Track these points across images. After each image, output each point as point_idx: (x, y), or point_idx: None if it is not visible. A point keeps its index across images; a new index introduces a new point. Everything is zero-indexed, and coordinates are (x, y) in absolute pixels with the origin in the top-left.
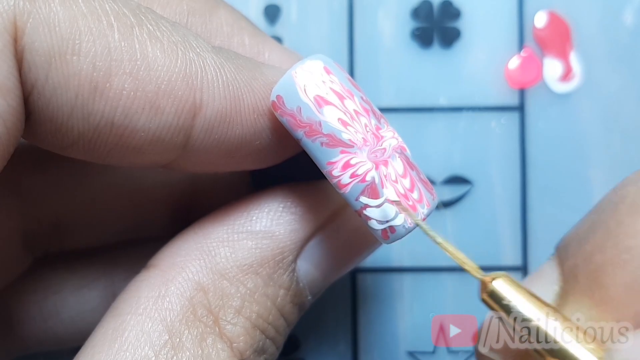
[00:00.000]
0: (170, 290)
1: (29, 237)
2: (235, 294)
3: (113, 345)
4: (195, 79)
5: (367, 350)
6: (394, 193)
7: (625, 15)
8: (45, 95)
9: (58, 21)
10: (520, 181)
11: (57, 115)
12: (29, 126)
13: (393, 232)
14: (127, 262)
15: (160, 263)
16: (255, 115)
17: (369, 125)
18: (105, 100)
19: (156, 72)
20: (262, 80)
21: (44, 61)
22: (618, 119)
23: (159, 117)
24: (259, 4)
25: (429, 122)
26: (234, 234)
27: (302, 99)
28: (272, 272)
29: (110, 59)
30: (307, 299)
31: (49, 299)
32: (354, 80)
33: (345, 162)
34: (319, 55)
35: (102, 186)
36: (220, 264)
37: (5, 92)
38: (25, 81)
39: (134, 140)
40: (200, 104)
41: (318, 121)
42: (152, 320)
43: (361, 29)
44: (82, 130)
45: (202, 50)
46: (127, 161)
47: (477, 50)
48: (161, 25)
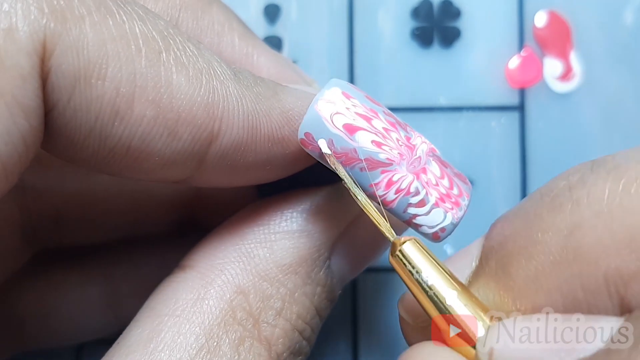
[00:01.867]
0: (209, 293)
1: (28, 231)
2: (276, 295)
3: (148, 345)
4: (217, 109)
5: (367, 350)
6: (325, 145)
7: (625, 15)
8: (65, 116)
9: (87, 44)
10: (520, 181)
11: (74, 134)
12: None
13: (443, 232)
14: (127, 259)
15: (197, 264)
16: (270, 144)
17: (400, 139)
18: (125, 125)
19: (179, 100)
20: (279, 108)
21: (68, 84)
22: (618, 118)
23: (176, 143)
24: (259, 4)
25: (429, 122)
26: (270, 235)
27: (332, 131)
28: (310, 270)
29: (135, 86)
30: (338, 293)
31: (48, 295)
32: (370, 97)
33: (388, 180)
34: (333, 80)
35: (104, 183)
36: (259, 265)
37: (29, 113)
38: (47, 101)
39: (148, 163)
40: (218, 132)
41: (353, 148)
42: (190, 323)
43: (361, 29)
44: (97, 150)
45: (226, 79)
46: (138, 178)
47: (477, 50)
48: (187, 50)
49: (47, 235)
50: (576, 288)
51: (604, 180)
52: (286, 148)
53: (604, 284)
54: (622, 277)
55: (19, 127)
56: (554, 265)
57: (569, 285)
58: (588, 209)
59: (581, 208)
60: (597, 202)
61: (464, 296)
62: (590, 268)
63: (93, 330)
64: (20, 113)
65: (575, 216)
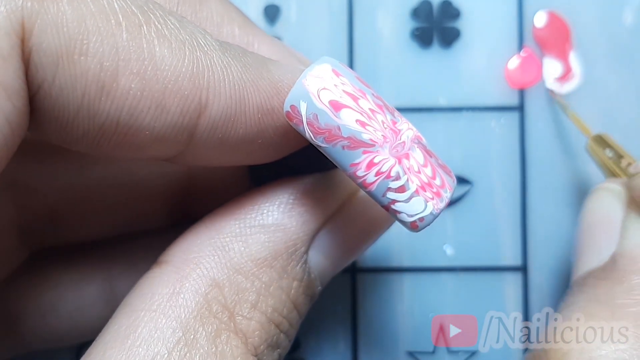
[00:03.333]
0: (184, 287)
1: (24, 229)
2: (251, 288)
3: (126, 341)
4: (202, 79)
5: (367, 350)
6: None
7: (625, 15)
8: (51, 96)
9: (66, 21)
10: (520, 181)
11: (63, 114)
12: (33, 122)
13: (422, 222)
14: (125, 256)
15: (172, 259)
16: (260, 115)
17: (385, 122)
18: (112, 100)
19: (163, 71)
20: (268, 79)
21: (51, 62)
22: (617, 118)
23: (164, 116)
24: (259, 4)
25: (429, 122)
26: (246, 228)
27: (317, 105)
28: (286, 264)
29: (118, 59)
30: (318, 289)
31: (46, 294)
32: (361, 78)
33: (369, 161)
34: (325, 58)
35: (99, 178)
36: (234, 258)
37: (12, 94)
38: (32, 82)
39: (138, 137)
40: (206, 103)
41: (336, 126)
42: (166, 317)
43: (361, 29)
44: (87, 129)
45: (210, 49)
46: (130, 155)
47: (477, 50)
48: (169, 23)
49: (43, 233)
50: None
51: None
52: (276, 120)
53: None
54: None
55: (2, 109)
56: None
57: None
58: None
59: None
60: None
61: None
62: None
63: (92, 328)
64: (2, 94)
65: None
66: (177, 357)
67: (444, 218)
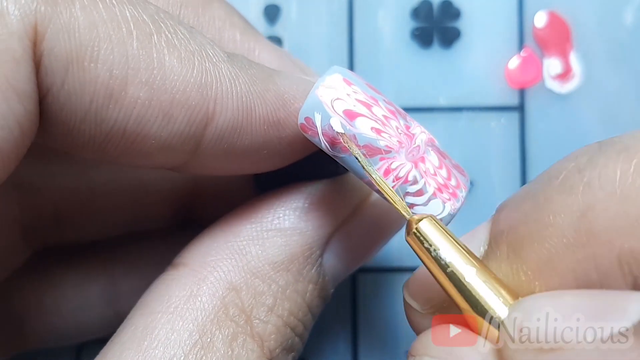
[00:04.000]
0: (202, 289)
1: (28, 228)
2: (268, 291)
3: (142, 342)
4: (210, 90)
5: (367, 350)
6: (339, 124)
7: (625, 15)
8: (59, 100)
9: (78, 27)
10: (520, 181)
11: (70, 119)
12: (40, 126)
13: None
14: (128, 257)
15: (190, 262)
16: (266, 126)
17: (400, 127)
18: (120, 108)
19: (172, 81)
20: (274, 91)
21: (61, 67)
22: (617, 118)
23: (171, 126)
24: (259, 4)
25: (429, 122)
26: (263, 232)
27: (332, 116)
28: (302, 267)
29: (128, 68)
30: (331, 291)
31: (49, 294)
32: (371, 84)
33: (387, 167)
34: (335, 67)
35: (104, 180)
36: (251, 262)
37: (24, 97)
38: (41, 85)
39: (144, 146)
40: (213, 114)
41: (352, 135)
42: (183, 320)
43: (361, 29)
44: (93, 135)
45: (218, 60)
46: (135, 163)
47: (477, 50)
48: (179, 33)
49: (46, 232)
50: (590, 270)
51: (615, 162)
52: (282, 131)
53: (618, 264)
54: (636, 257)
55: (13, 111)
56: (567, 248)
57: (583, 267)
58: (600, 190)
59: (593, 190)
60: (609, 183)
61: (482, 273)
62: (603, 249)
63: (93, 328)
64: (14, 97)
65: (587, 198)
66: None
67: None
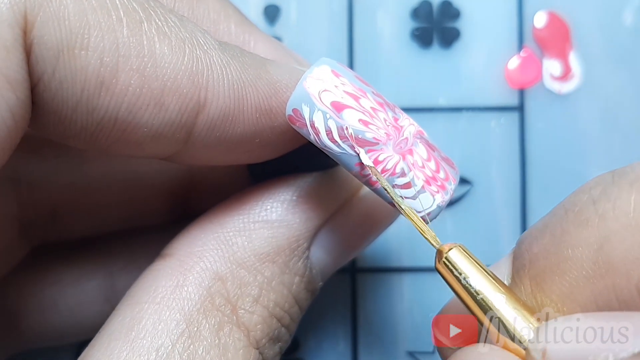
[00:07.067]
0: (188, 279)
1: (25, 225)
2: (253, 282)
3: (130, 333)
4: (201, 77)
5: (367, 350)
6: (367, 157)
7: (625, 15)
8: (51, 89)
9: (68, 15)
10: (520, 181)
11: (61, 108)
12: (32, 116)
13: (429, 216)
14: (125, 252)
15: (176, 252)
16: (258, 115)
17: (387, 119)
18: (111, 95)
19: (163, 69)
20: (266, 79)
21: (52, 55)
22: (617, 118)
23: (163, 114)
24: (259, 4)
25: (428, 122)
26: (250, 224)
27: (319, 108)
28: (288, 260)
29: (118, 55)
30: (319, 284)
31: (46, 291)
32: (360, 76)
33: (374, 159)
34: (323, 59)
35: (100, 175)
36: (237, 253)
37: (16, 85)
38: (32, 74)
39: (136, 135)
40: (205, 102)
41: (340, 127)
42: (170, 309)
43: (361, 29)
44: (85, 124)
45: (209, 48)
46: (127, 153)
47: (477, 50)
48: (169, 21)
49: (43, 229)
50: (611, 300)
51: (628, 193)
52: (274, 120)
53: (637, 293)
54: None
55: (6, 100)
56: (587, 280)
57: (604, 298)
58: (615, 222)
59: (608, 222)
60: (624, 215)
61: (511, 300)
62: (622, 280)
63: (92, 325)
64: (6, 85)
65: (603, 230)
66: (181, 348)
67: (444, 218)
